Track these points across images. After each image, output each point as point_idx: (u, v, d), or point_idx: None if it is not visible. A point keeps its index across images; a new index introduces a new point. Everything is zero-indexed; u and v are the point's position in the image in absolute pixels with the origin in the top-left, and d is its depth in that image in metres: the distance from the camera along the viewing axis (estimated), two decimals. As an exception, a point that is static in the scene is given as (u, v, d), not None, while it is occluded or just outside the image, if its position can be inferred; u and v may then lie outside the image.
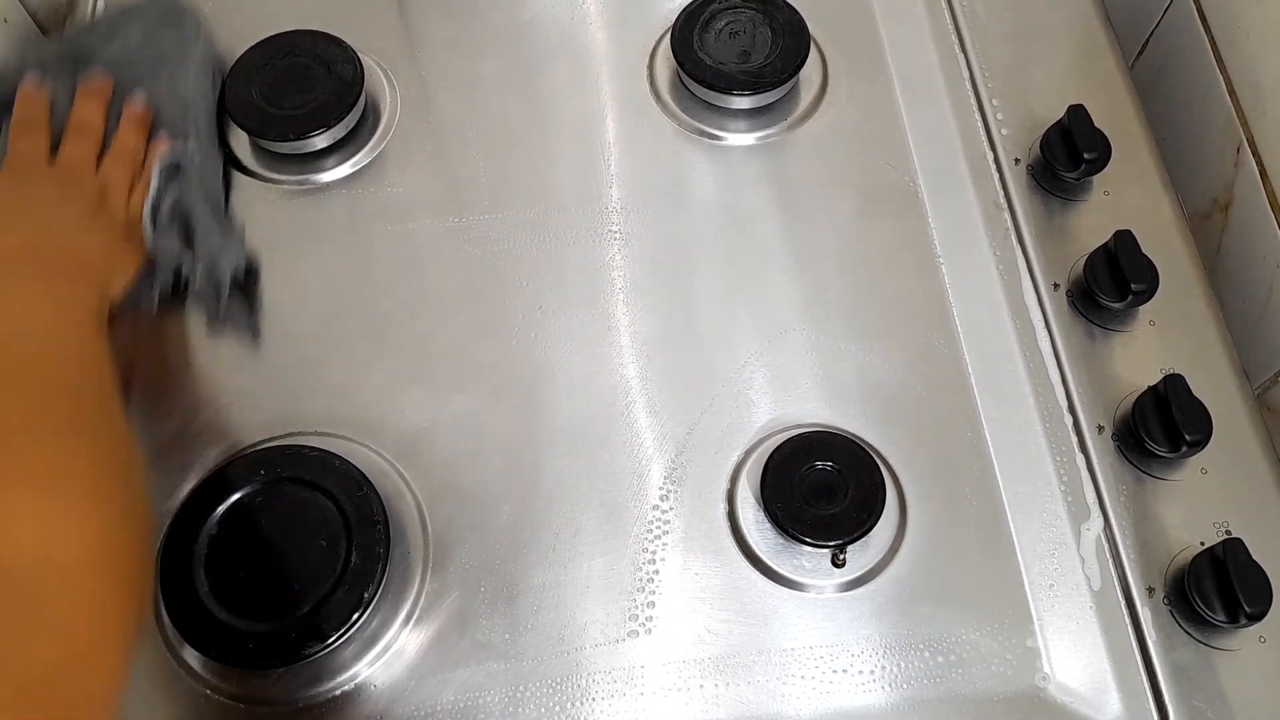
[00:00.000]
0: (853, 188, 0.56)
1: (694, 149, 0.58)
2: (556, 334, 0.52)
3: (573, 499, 0.48)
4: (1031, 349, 0.51)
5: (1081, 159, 0.53)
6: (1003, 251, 0.54)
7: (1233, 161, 0.57)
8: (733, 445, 0.50)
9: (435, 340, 0.52)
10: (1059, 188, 0.55)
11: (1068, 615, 0.46)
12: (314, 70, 0.57)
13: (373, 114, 0.59)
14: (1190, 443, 0.46)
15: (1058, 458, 0.49)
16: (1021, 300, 0.53)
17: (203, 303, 0.52)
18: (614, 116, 0.59)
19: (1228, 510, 0.47)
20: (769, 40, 0.57)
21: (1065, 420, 0.50)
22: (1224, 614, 0.44)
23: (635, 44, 0.61)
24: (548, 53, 0.61)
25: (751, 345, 0.52)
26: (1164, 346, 0.51)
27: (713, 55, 0.57)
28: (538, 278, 0.54)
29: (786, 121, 0.58)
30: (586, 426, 0.50)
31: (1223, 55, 0.57)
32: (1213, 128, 0.58)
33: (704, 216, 0.56)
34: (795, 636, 0.46)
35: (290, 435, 0.49)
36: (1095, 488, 0.48)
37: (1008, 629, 0.45)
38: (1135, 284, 0.49)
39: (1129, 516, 0.47)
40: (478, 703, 0.44)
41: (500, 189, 0.56)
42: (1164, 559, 0.46)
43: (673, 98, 0.59)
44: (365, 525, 0.45)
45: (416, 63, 0.61)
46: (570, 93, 0.59)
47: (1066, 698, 0.44)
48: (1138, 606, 0.46)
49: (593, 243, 0.55)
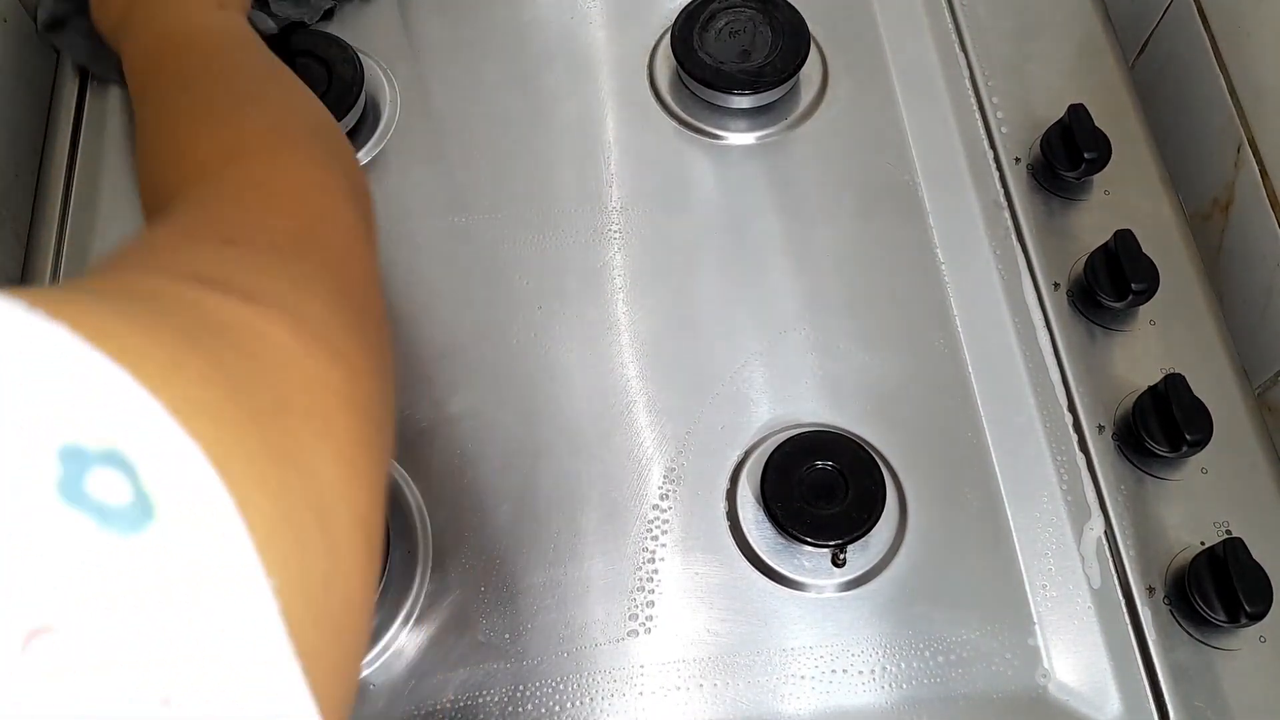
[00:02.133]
0: (853, 187, 0.56)
1: (694, 148, 0.58)
2: (556, 334, 0.52)
3: (573, 499, 0.48)
4: (1032, 348, 0.51)
5: (1082, 158, 0.53)
6: (1003, 251, 0.54)
7: (1233, 161, 0.57)
8: (733, 445, 0.50)
9: (434, 340, 0.52)
10: (1059, 187, 0.55)
11: (1068, 615, 0.46)
12: (313, 70, 0.57)
13: (372, 114, 0.58)
14: (1190, 442, 0.46)
15: (1058, 457, 0.49)
16: (1022, 299, 0.53)
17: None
18: (614, 116, 0.59)
19: (1228, 510, 0.47)
20: (769, 40, 0.57)
21: (1065, 420, 0.50)
22: (1224, 614, 0.44)
23: (635, 43, 0.61)
24: (548, 52, 0.61)
25: (751, 345, 0.52)
26: (1164, 346, 0.51)
27: (713, 55, 0.57)
28: (537, 278, 0.54)
29: (786, 121, 0.58)
30: (586, 426, 0.50)
31: (1223, 55, 0.57)
32: (1213, 127, 0.58)
33: (704, 216, 0.56)
34: (795, 636, 0.45)
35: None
36: (1095, 487, 0.48)
37: (1008, 628, 0.45)
38: (1136, 283, 0.49)
39: (1129, 516, 0.47)
40: (478, 703, 0.44)
41: (500, 189, 0.56)
42: (1164, 559, 0.46)
43: (673, 97, 0.59)
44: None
45: (416, 62, 0.61)
46: (570, 92, 0.59)
47: (1066, 697, 0.44)
48: (1138, 606, 0.45)
49: (593, 242, 0.55)
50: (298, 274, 0.27)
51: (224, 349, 0.20)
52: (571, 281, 0.54)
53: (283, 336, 0.22)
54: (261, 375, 0.21)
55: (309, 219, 0.31)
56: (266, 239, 0.29)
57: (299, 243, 0.29)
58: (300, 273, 0.27)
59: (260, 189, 0.32)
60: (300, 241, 0.29)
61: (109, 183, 0.57)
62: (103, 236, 0.55)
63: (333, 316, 0.26)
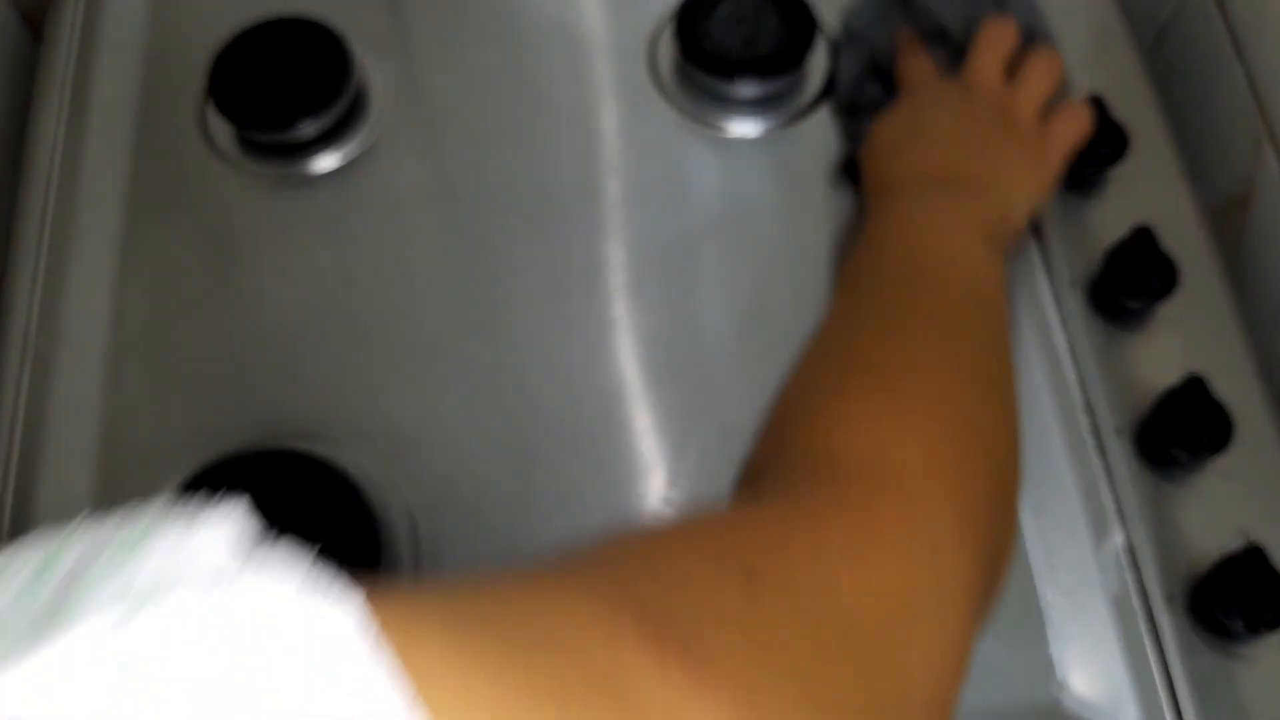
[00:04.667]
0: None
1: (697, 141, 0.56)
2: (553, 332, 0.51)
3: (571, 503, 0.47)
4: (1047, 348, 0.50)
5: (1098, 152, 0.51)
6: (1017, 248, 0.52)
7: (1252, 155, 0.55)
8: (738, 446, 0.48)
9: (427, 339, 0.51)
10: (1075, 182, 0.54)
11: (1084, 623, 0.45)
12: (302, 58, 0.56)
13: (363, 103, 0.57)
14: (1211, 446, 0.45)
15: (1075, 461, 0.48)
16: (1037, 298, 0.51)
17: None
18: (614, 106, 0.57)
19: (1250, 515, 0.46)
20: (775, 26, 0.56)
21: (1082, 422, 0.48)
22: (1245, 623, 0.42)
23: (636, 30, 0.60)
24: (545, 40, 0.59)
25: (756, 344, 0.51)
26: (1184, 347, 0.50)
27: (716, 40, 0.56)
28: (534, 273, 0.52)
29: (792, 112, 0.57)
30: (585, 428, 0.49)
31: (1241, 45, 0.56)
32: (1231, 120, 0.57)
33: (706, 211, 0.54)
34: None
35: (276, 437, 0.48)
36: (1113, 492, 0.47)
37: (1021, 637, 0.44)
38: (1154, 282, 0.48)
39: (1148, 522, 0.46)
40: (472, 717, 0.43)
41: (495, 181, 0.55)
42: (1184, 566, 0.45)
43: (675, 87, 0.58)
44: (354, 531, 0.44)
45: (408, 51, 0.59)
46: (568, 81, 0.58)
47: (1082, 709, 0.43)
48: (1156, 614, 0.44)
49: (591, 237, 0.53)
50: (828, 680, 0.20)
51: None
52: (569, 277, 0.52)
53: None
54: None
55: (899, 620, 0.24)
56: (818, 619, 0.21)
57: (859, 646, 0.22)
58: (833, 680, 0.20)
59: (859, 559, 0.25)
60: (861, 645, 0.22)
61: (88, 184, 0.55)
62: (86, 232, 0.54)
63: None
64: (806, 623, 0.21)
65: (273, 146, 0.56)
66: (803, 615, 0.21)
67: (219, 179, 0.55)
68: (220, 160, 0.56)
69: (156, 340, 0.51)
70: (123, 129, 0.57)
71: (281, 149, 0.56)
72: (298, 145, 0.56)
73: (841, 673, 0.21)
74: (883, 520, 0.26)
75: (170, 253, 0.54)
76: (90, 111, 0.57)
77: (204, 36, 0.57)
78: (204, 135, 0.57)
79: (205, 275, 0.53)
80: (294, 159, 0.56)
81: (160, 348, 0.51)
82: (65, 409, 0.49)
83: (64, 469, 0.48)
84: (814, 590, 0.22)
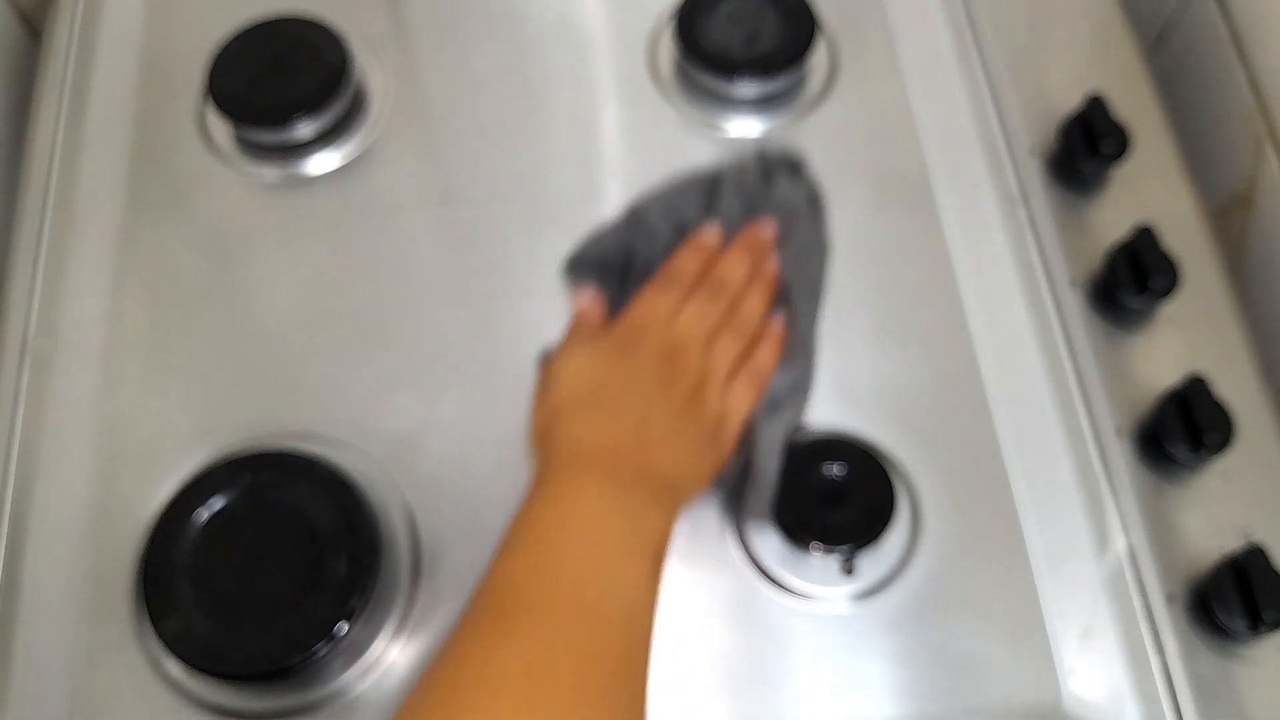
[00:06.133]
0: (862, 180, 0.55)
1: (698, 140, 0.56)
2: (553, 332, 0.51)
3: (571, 504, 0.47)
4: (1048, 348, 0.50)
5: (1100, 151, 0.51)
6: (1018, 247, 0.53)
7: (1253, 155, 0.55)
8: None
9: (426, 340, 0.51)
10: (1076, 181, 0.54)
11: (1085, 625, 0.45)
12: (300, 57, 0.56)
13: (362, 103, 0.57)
14: (1212, 446, 0.45)
15: (1075, 461, 0.48)
16: (1038, 298, 0.51)
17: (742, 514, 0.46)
18: (614, 106, 0.57)
19: (1250, 515, 0.46)
20: (775, 25, 0.56)
21: (1083, 422, 0.48)
22: (1245, 623, 0.43)
23: (636, 29, 0.60)
24: (545, 39, 0.59)
25: (756, 344, 0.51)
26: (1185, 346, 0.50)
27: (716, 39, 0.56)
28: (535, 274, 0.52)
29: (793, 111, 0.57)
30: (585, 428, 0.48)
31: (1243, 45, 0.56)
32: (1232, 120, 0.57)
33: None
34: (804, 648, 0.44)
35: (275, 438, 0.48)
36: (1114, 493, 0.47)
37: (1023, 639, 0.44)
38: (1155, 282, 0.48)
39: (1148, 522, 0.46)
40: (472, 718, 0.43)
41: (495, 182, 0.55)
42: (1184, 566, 0.45)
43: (675, 86, 0.58)
44: (353, 532, 0.44)
45: (407, 50, 0.59)
46: (568, 81, 0.58)
47: (1082, 709, 0.43)
48: (1156, 615, 0.44)
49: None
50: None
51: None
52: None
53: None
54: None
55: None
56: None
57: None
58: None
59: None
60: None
61: (86, 184, 0.55)
62: (85, 232, 0.54)
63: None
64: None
65: (271, 146, 0.56)
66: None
67: (218, 179, 0.55)
68: (219, 160, 0.56)
69: (155, 341, 0.51)
70: (121, 129, 0.57)
71: (280, 149, 0.56)
72: (296, 145, 0.55)
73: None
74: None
75: (169, 253, 0.53)
76: (89, 111, 0.57)
77: (203, 36, 0.57)
78: (203, 135, 0.57)
79: (204, 275, 0.53)
80: (293, 159, 0.56)
81: (159, 348, 0.51)
82: (65, 409, 0.49)
83: (63, 469, 0.48)
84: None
